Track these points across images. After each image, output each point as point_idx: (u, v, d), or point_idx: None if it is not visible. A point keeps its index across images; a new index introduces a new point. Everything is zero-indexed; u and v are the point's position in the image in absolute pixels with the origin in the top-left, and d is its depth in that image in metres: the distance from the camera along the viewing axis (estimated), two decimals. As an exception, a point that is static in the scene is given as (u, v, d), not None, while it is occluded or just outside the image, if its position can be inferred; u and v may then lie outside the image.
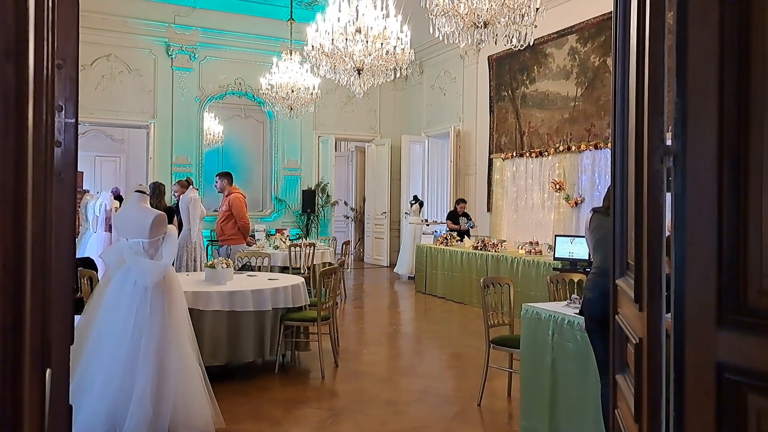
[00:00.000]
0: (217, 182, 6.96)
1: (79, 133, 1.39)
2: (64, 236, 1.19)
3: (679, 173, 1.32)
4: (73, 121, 1.22)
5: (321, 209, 11.75)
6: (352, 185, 14.35)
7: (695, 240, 1.27)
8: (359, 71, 6.39)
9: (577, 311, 3.30)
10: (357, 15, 6.10)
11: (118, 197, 8.76)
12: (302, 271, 7.27)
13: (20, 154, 0.72)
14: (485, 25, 5.07)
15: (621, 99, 1.84)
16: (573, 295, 3.77)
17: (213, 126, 11.34)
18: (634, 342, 1.66)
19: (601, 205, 3.31)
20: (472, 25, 5.12)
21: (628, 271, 1.91)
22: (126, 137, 12.84)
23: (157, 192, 6.23)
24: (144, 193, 3.71)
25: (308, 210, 11.49)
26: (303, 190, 11.63)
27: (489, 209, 10.11)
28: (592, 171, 8.05)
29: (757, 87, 1.18)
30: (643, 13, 1.47)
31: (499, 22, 5.02)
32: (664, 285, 1.50)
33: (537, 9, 4.97)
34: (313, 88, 8.33)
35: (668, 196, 1.44)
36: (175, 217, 6.65)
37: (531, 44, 5.27)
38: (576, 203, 8.27)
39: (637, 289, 1.65)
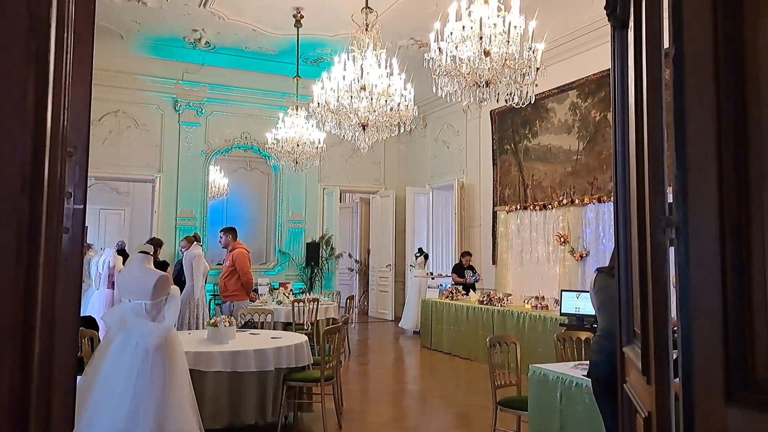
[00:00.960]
0: (221, 237, 6.98)
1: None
2: (68, 322, 1.19)
3: (682, 245, 1.31)
4: (81, 207, 1.23)
5: (325, 262, 11.71)
6: (356, 237, 14.35)
7: (700, 313, 1.26)
8: (364, 127, 6.49)
9: (585, 373, 3.23)
10: (362, 73, 6.24)
11: (122, 251, 8.77)
12: (306, 327, 7.19)
13: (31, 272, 0.74)
14: (487, 84, 5.16)
15: (622, 167, 1.85)
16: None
17: (218, 179, 11.46)
18: (643, 416, 1.62)
19: (607, 262, 3.29)
20: (474, 85, 5.21)
21: (635, 339, 1.88)
22: (131, 190, 12.97)
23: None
24: (148, 253, 3.71)
25: (312, 263, 11.45)
26: (307, 243, 11.63)
27: (494, 262, 10.06)
28: (596, 224, 8.05)
29: (755, 160, 1.19)
30: (640, 86, 1.50)
31: (500, 82, 5.11)
32: (671, 357, 1.47)
33: (537, 69, 5.06)
34: (319, 142, 8.44)
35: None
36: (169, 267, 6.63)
37: (532, 102, 5.35)
38: (581, 257, 8.23)
39: (644, 361, 1.62)
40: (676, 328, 1.33)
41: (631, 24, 1.59)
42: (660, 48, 1.33)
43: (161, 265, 5.90)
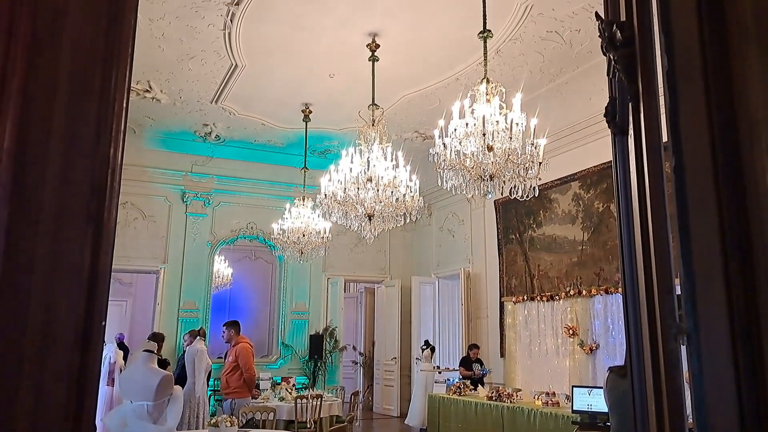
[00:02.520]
0: (224, 332, 6.87)
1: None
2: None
3: (695, 354, 1.27)
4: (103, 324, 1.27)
5: (329, 355, 11.45)
6: (360, 328, 14.10)
7: (717, 425, 1.21)
8: (370, 217, 6.54)
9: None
10: (368, 165, 6.37)
11: (122, 344, 8.61)
12: (308, 426, 6.92)
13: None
14: (491, 178, 5.24)
15: (630, 270, 1.82)
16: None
17: (222, 269, 11.44)
18: None
19: (617, 356, 3.20)
20: (478, 178, 5.29)
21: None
22: (134, 280, 12.92)
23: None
24: (152, 352, 3.64)
25: (315, 356, 11.19)
26: (310, 335, 11.42)
27: (502, 354, 9.82)
28: (605, 316, 7.91)
29: (760, 266, 1.18)
30: (643, 195, 1.50)
31: (504, 175, 5.19)
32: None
33: (540, 163, 5.16)
34: (324, 232, 8.48)
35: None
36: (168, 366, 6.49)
37: (536, 195, 5.41)
38: (591, 350, 8.02)
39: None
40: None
41: (631, 132, 1.61)
42: (661, 159, 1.34)
43: (162, 363, 5.77)
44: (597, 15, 1.68)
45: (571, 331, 8.38)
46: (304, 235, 8.38)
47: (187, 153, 10.70)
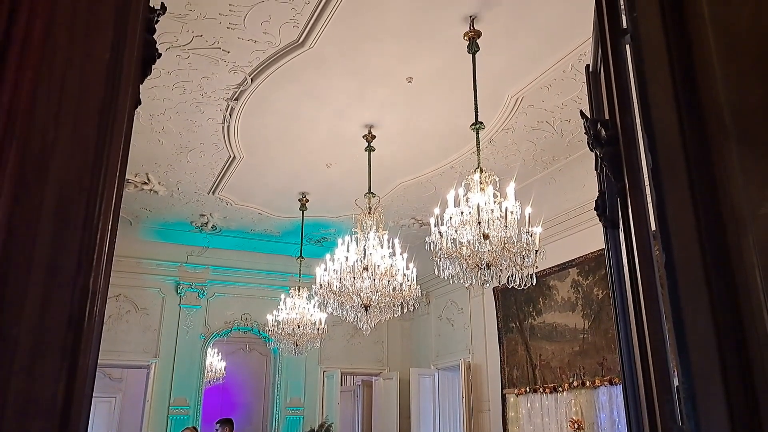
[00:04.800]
0: (217, 429, 6.61)
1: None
2: None
3: (699, 456, 1.20)
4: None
5: (325, 453, 10.93)
6: (358, 424, 13.56)
7: None
8: (366, 308, 6.45)
9: None
10: (364, 254, 6.34)
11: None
12: None
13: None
14: (488, 266, 5.21)
15: (629, 369, 1.75)
16: None
17: (215, 362, 11.14)
18: None
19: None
20: (475, 267, 5.26)
21: None
22: (124, 376, 12.54)
23: None
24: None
25: (311, 454, 10.69)
26: (306, 432, 10.96)
27: (506, 450, 9.38)
28: (610, 409, 7.62)
29: (757, 362, 1.15)
30: (636, 288, 1.46)
31: (501, 264, 5.16)
32: None
33: (537, 251, 5.14)
34: (320, 323, 8.33)
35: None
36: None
37: (534, 284, 5.37)
38: (598, 445, 7.67)
39: None
40: None
41: (621, 225, 1.60)
42: (651, 253, 1.32)
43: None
44: (582, 113, 1.72)
45: (576, 425, 8.04)
46: (299, 327, 8.24)
47: (183, 243, 10.69)
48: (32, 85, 0.93)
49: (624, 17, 1.32)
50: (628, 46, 1.32)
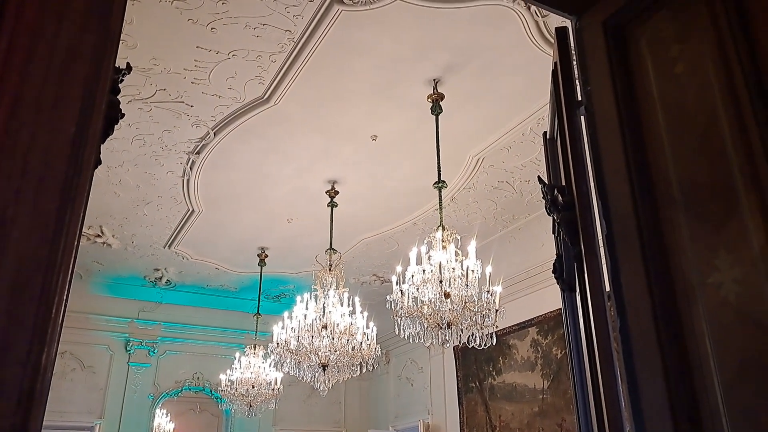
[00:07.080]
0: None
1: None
2: None
3: None
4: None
5: None
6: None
7: None
8: (324, 367, 6.32)
9: None
10: (323, 312, 6.25)
11: None
12: None
13: None
14: (449, 325, 5.20)
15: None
16: None
17: (163, 423, 10.61)
18: None
19: None
20: (436, 326, 5.24)
21: None
22: (67, 438, 11.82)
23: None
24: None
25: None
26: (258, 499, 10.44)
27: None
28: (571, 472, 7.53)
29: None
30: (593, 354, 1.47)
31: (462, 323, 5.15)
32: None
33: (497, 311, 5.16)
34: (275, 383, 8.09)
35: None
36: None
37: (494, 344, 5.37)
38: None
39: None
40: None
41: (578, 289, 1.62)
42: (606, 320, 1.34)
43: None
44: (540, 179, 1.76)
45: (536, 489, 7.89)
46: (253, 387, 7.98)
47: (135, 299, 10.31)
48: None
49: (579, 90, 1.37)
50: (582, 117, 1.36)
